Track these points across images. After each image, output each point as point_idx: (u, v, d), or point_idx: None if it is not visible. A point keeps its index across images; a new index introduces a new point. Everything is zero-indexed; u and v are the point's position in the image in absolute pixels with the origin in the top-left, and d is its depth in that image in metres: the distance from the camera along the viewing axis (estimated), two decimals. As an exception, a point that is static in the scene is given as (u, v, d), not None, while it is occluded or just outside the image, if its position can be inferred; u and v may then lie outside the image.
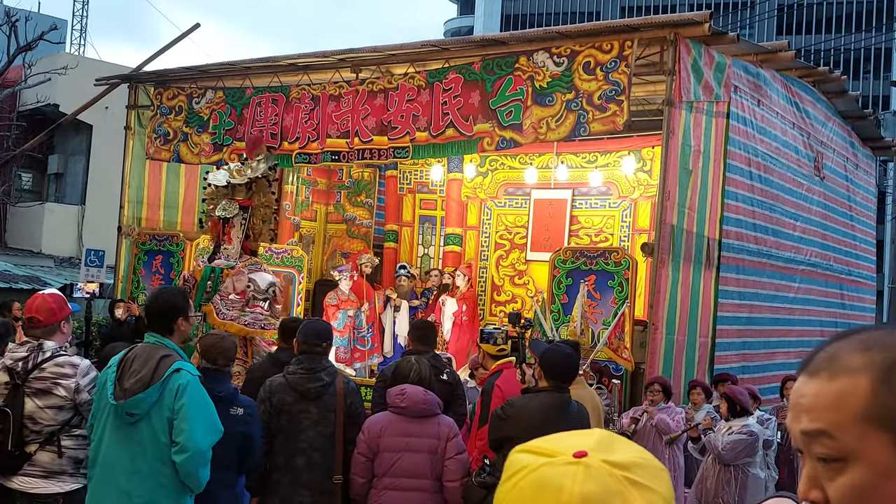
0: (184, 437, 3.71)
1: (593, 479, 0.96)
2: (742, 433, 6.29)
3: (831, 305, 11.51)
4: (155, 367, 3.76)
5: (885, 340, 1.02)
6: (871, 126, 12.58)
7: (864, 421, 0.98)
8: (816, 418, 1.02)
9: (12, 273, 17.05)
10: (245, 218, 7.79)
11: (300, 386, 4.92)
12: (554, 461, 0.99)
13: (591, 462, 0.98)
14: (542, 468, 0.99)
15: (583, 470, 0.97)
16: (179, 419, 3.73)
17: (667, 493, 0.99)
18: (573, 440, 1.03)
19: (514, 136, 8.23)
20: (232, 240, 7.76)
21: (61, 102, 18.96)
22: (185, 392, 3.75)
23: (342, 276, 11.41)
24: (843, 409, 0.99)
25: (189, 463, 3.72)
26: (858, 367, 1.00)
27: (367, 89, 9.26)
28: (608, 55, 7.77)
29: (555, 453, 1.00)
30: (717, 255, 8.37)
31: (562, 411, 4.71)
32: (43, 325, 4.34)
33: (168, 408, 3.74)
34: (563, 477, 0.97)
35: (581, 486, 0.95)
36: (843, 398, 1.00)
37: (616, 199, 11.54)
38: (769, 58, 9.30)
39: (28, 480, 4.16)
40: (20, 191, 21.19)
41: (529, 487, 0.98)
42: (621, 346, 8.24)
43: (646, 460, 1.01)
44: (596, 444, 1.01)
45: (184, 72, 10.95)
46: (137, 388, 3.71)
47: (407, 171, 13.05)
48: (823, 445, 1.01)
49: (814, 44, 42.17)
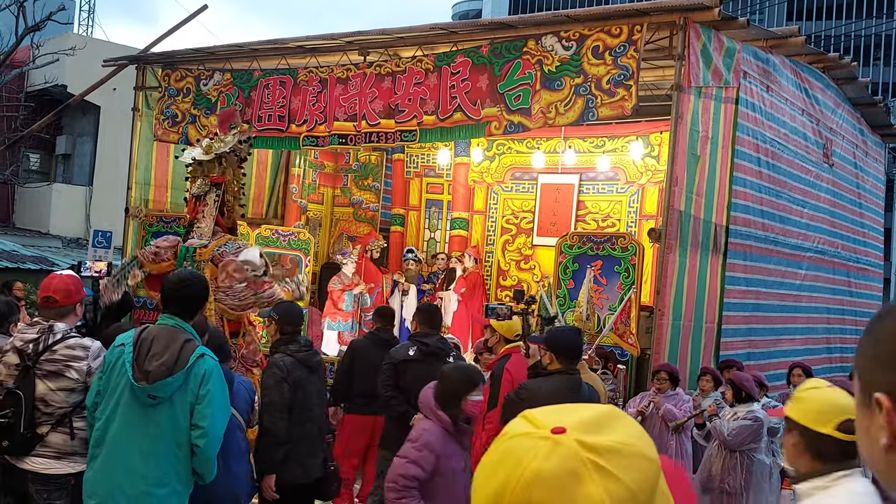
0: (208, 423, 3.74)
1: (555, 457, 0.96)
2: (747, 419, 6.30)
3: (838, 293, 11.49)
4: (179, 351, 3.77)
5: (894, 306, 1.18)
6: (881, 113, 12.50)
7: (854, 366, 1.20)
8: None
9: (20, 253, 17.10)
10: (218, 195, 7.71)
11: (309, 361, 5.52)
12: (531, 433, 1.00)
13: (563, 440, 0.97)
14: (516, 437, 1.00)
15: (549, 446, 0.97)
16: (204, 405, 3.75)
17: (636, 486, 0.95)
18: (569, 414, 1.02)
19: (522, 120, 8.21)
20: (205, 217, 7.66)
21: (69, 83, 18.95)
22: (211, 378, 3.78)
23: (348, 260, 11.43)
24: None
25: (209, 448, 3.75)
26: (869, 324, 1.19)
27: (375, 72, 9.23)
28: (617, 39, 7.74)
29: (539, 425, 1.01)
30: (725, 242, 8.35)
31: (574, 393, 4.74)
32: (59, 306, 4.35)
33: (192, 393, 3.75)
34: (527, 450, 0.98)
35: (540, 462, 0.96)
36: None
37: (623, 185, 11.52)
38: (779, 43, 9.25)
39: (40, 461, 4.19)
40: (28, 171, 21.21)
41: (497, 454, 1.01)
42: (627, 331, 8.25)
43: (629, 447, 0.98)
44: (586, 420, 1.00)
45: (191, 53, 10.93)
46: (162, 372, 3.72)
47: (414, 154, 13.04)
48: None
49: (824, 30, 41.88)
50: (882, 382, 1.09)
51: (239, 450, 4.64)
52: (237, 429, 4.60)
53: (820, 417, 2.42)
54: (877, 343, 1.13)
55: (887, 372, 1.09)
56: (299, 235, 11.94)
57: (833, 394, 2.52)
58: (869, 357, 1.14)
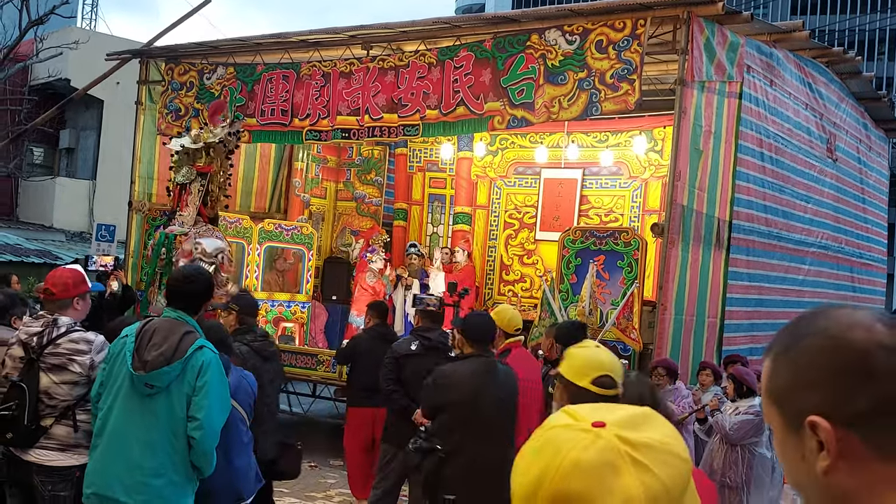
0: (204, 414, 3.74)
1: (594, 449, 0.99)
2: (749, 413, 6.31)
3: (841, 288, 11.48)
4: (178, 342, 3.78)
5: (805, 323, 1.11)
6: (885, 108, 12.48)
7: (766, 396, 1.14)
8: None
9: (24, 247, 17.15)
10: (203, 184, 7.67)
11: (264, 350, 5.74)
12: (573, 425, 1.03)
13: (603, 433, 1.00)
14: (557, 428, 1.04)
15: (591, 438, 1.00)
16: (201, 396, 3.76)
17: (669, 480, 0.99)
18: (610, 412, 1.05)
19: (525, 114, 8.20)
20: (188, 206, 7.64)
21: (72, 77, 18.97)
22: (209, 370, 3.79)
23: (376, 258, 11.47)
24: (762, 384, 1.16)
25: (205, 441, 3.75)
26: (771, 348, 1.14)
27: (378, 66, 9.23)
28: (621, 34, 7.73)
29: (580, 419, 1.04)
30: (727, 236, 8.35)
31: (490, 375, 4.81)
32: (56, 299, 4.37)
33: (189, 384, 3.76)
34: (567, 441, 1.01)
35: (579, 452, 0.99)
36: (763, 374, 1.15)
37: (626, 179, 11.51)
38: (783, 38, 9.23)
39: (44, 453, 4.21)
40: (32, 165, 21.25)
41: (539, 443, 1.04)
42: (630, 326, 8.25)
43: (664, 444, 1.01)
44: (624, 418, 1.04)
45: (195, 47, 10.94)
46: (160, 362, 3.74)
47: (417, 149, 13.04)
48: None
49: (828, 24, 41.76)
50: (810, 404, 1.05)
51: (241, 443, 4.62)
52: (239, 422, 4.59)
53: (580, 372, 2.74)
54: (796, 365, 1.08)
55: (815, 392, 1.05)
56: (302, 230, 11.95)
57: (597, 353, 2.82)
58: (789, 381, 1.09)
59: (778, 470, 6.77)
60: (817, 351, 1.07)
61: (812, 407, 1.05)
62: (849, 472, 1.03)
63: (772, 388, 1.11)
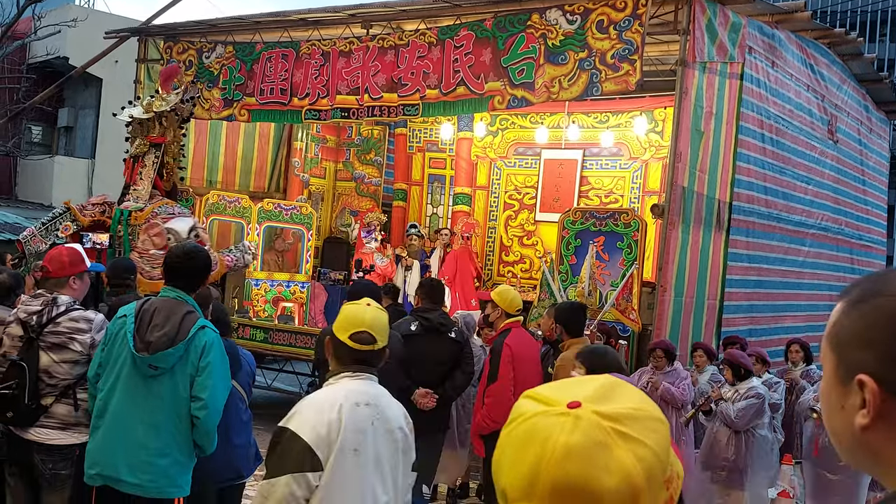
0: (208, 394, 3.75)
1: (580, 431, 0.99)
2: (750, 396, 6.31)
3: (841, 270, 11.48)
4: (179, 322, 3.77)
5: (886, 280, 1.11)
6: (887, 90, 12.43)
7: (826, 338, 1.14)
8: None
9: (22, 226, 17.11)
10: (157, 156, 7.36)
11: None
12: (548, 411, 1.03)
13: (582, 413, 1.01)
14: (535, 417, 1.03)
15: (571, 421, 1.00)
16: (204, 376, 3.76)
17: (658, 447, 1.01)
18: (575, 388, 1.06)
19: (525, 94, 8.17)
20: (142, 179, 7.33)
21: (71, 55, 18.86)
22: (211, 350, 3.78)
23: (371, 239, 11.46)
24: (828, 324, 1.16)
25: (209, 420, 3.76)
26: (847, 293, 1.14)
27: (378, 45, 9.18)
28: (622, 13, 7.68)
29: (551, 402, 1.04)
30: (728, 218, 8.34)
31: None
32: (53, 277, 4.36)
33: (192, 364, 3.76)
34: (551, 427, 1.01)
35: (567, 436, 0.99)
36: (831, 316, 1.16)
37: (627, 160, 11.48)
38: (785, 18, 9.18)
39: (45, 432, 4.22)
40: (30, 144, 21.17)
41: (522, 435, 1.03)
42: (629, 307, 8.26)
43: (641, 411, 1.03)
44: (593, 392, 1.04)
45: (193, 25, 10.87)
46: (163, 343, 3.73)
47: (417, 129, 12.99)
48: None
49: (830, 5, 41.53)
50: (865, 362, 1.06)
51: (241, 422, 4.65)
52: (239, 401, 4.61)
53: (341, 326, 2.91)
54: (863, 321, 1.08)
55: (872, 352, 1.06)
56: (301, 209, 11.92)
57: (362, 310, 2.93)
58: (852, 333, 1.09)
59: (776, 450, 6.80)
60: (886, 313, 1.07)
61: (865, 365, 1.06)
62: (884, 433, 1.06)
63: (833, 335, 1.12)
